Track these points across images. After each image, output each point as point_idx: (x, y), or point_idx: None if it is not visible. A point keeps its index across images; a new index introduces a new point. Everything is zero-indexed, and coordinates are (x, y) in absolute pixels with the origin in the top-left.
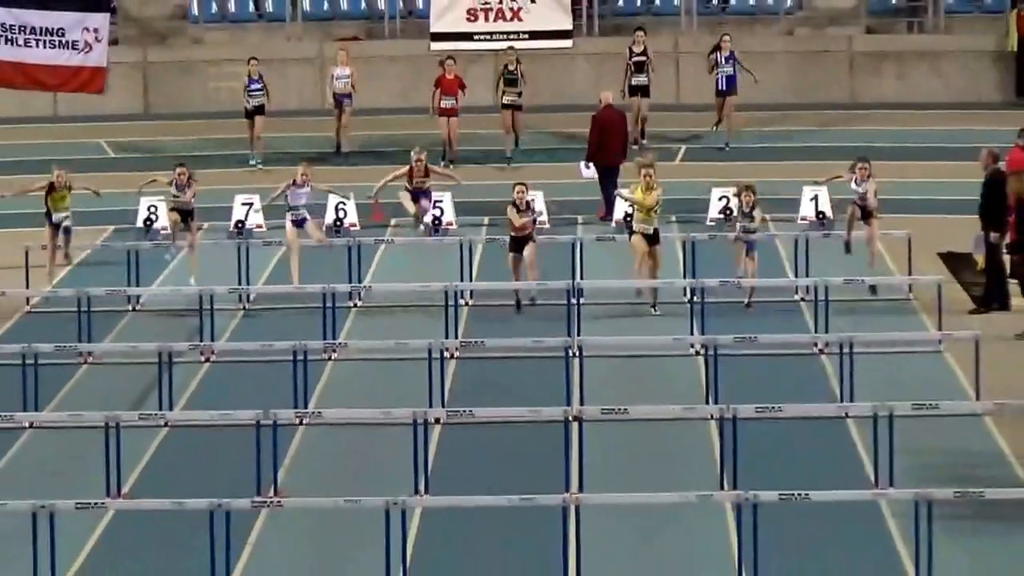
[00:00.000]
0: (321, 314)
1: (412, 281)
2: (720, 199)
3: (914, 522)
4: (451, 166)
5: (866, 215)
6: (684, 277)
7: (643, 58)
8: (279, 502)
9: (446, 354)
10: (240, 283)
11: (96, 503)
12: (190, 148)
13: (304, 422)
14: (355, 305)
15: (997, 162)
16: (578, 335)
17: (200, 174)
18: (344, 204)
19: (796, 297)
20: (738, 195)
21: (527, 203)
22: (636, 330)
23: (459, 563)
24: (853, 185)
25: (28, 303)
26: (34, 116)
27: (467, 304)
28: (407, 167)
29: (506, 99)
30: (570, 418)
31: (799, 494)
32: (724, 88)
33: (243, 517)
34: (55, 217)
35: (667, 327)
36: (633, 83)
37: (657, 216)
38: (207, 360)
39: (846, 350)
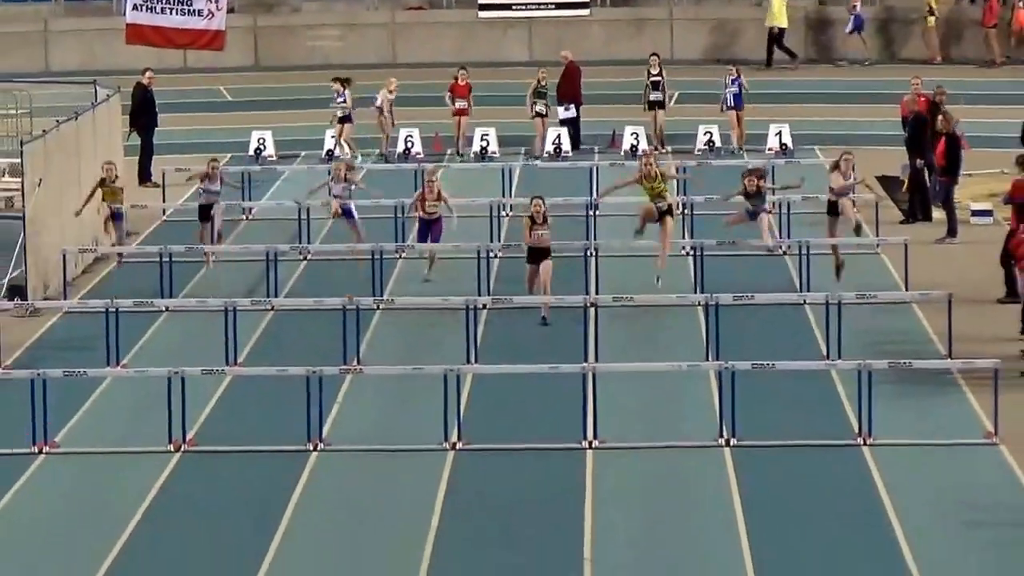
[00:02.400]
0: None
1: (468, 196)
2: (705, 133)
3: (857, 387)
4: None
5: (833, 209)
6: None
7: (659, 78)
8: (360, 369)
9: (491, 255)
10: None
11: (218, 369)
12: (290, 93)
13: (380, 307)
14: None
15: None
16: (595, 239)
17: (297, 114)
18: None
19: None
20: (744, 177)
21: (544, 216)
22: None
23: (501, 419)
24: (836, 175)
25: (164, 213)
26: (169, 68)
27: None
28: (419, 192)
29: (537, 108)
30: (588, 305)
31: (768, 364)
32: (732, 104)
33: (332, 381)
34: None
35: None
36: (651, 99)
37: (666, 195)
38: (304, 259)
39: (804, 252)
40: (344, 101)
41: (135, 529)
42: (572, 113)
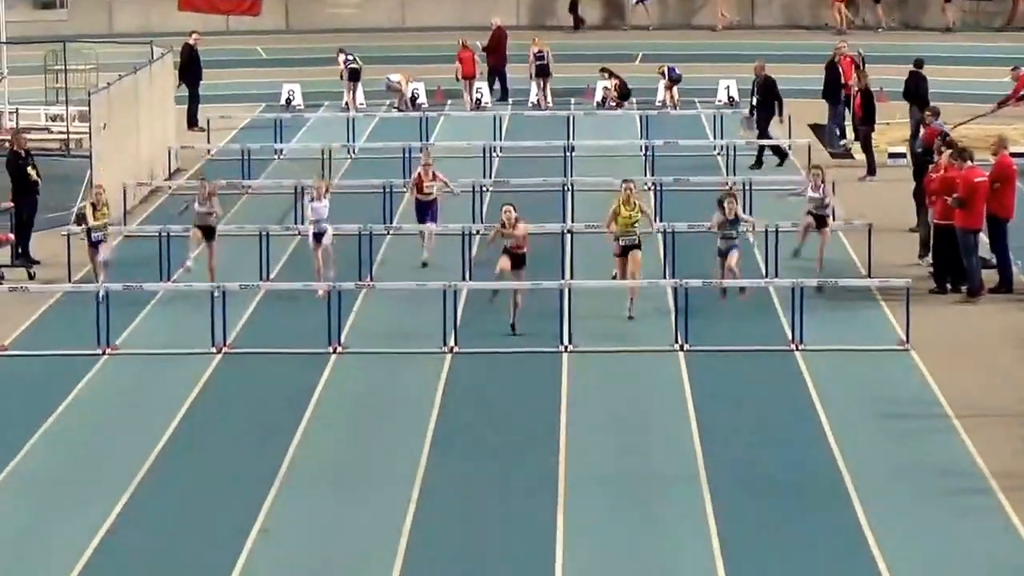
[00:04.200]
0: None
1: (464, 139)
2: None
3: (791, 301)
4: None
5: (820, 222)
6: (641, 138)
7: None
8: (373, 285)
9: (483, 189)
10: (350, 140)
11: (253, 284)
12: (316, 52)
13: (390, 233)
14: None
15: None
16: (572, 176)
17: (322, 70)
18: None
19: (714, 153)
20: (720, 203)
21: (514, 223)
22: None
23: (492, 327)
24: (810, 192)
25: (208, 153)
26: (213, 31)
27: (499, 155)
28: (416, 175)
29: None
30: (565, 231)
31: (715, 282)
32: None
33: (349, 295)
34: (93, 236)
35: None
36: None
37: (637, 227)
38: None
39: (750, 188)
40: (352, 59)
41: (184, 416)
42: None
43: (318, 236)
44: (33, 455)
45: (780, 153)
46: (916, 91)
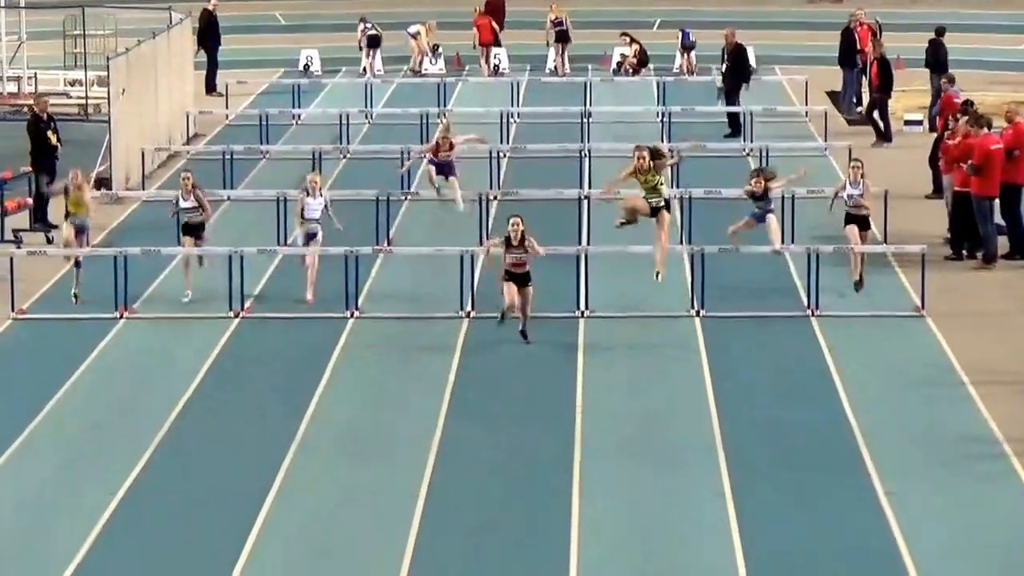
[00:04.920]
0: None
1: (482, 106)
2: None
3: (806, 267)
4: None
5: (862, 223)
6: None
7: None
8: (391, 250)
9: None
10: (367, 106)
11: (271, 249)
12: (334, 19)
13: (407, 199)
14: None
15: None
16: (588, 143)
17: (340, 36)
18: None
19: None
20: (751, 178)
21: (521, 239)
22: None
23: None
24: (849, 189)
25: (227, 118)
26: None
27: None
28: (432, 143)
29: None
30: (582, 197)
31: (732, 248)
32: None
33: (367, 260)
34: (73, 220)
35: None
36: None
37: (661, 188)
38: (344, 157)
39: (765, 152)
40: (371, 27)
41: (201, 380)
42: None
43: (310, 237)
44: (52, 418)
45: (735, 125)
46: (936, 59)
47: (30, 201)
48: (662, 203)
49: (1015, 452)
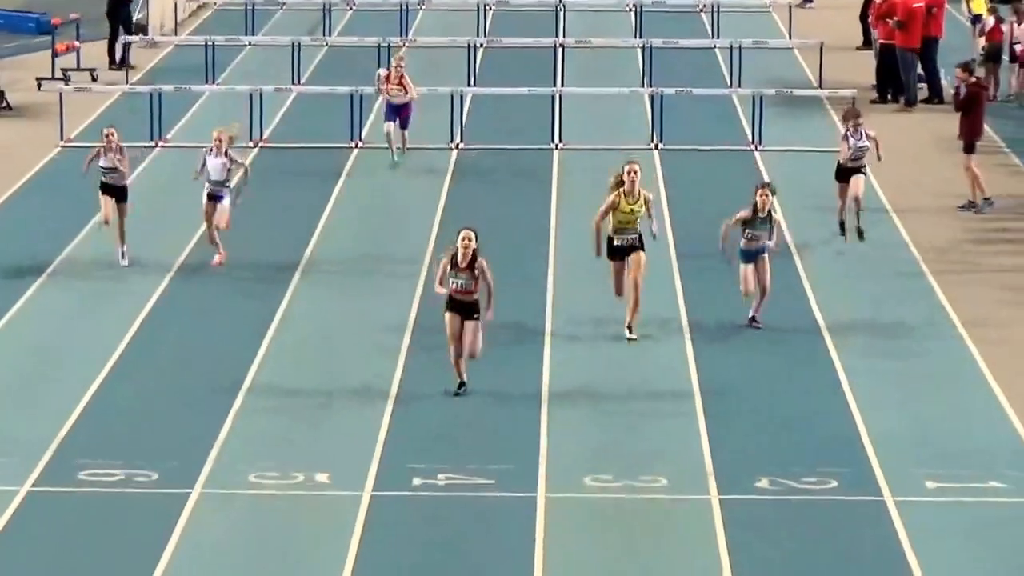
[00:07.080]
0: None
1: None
2: None
3: (751, 107)
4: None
5: (855, 172)
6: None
7: None
8: (389, 90)
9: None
10: None
11: (286, 87)
12: None
13: (406, 45)
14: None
15: None
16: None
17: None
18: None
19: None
20: (756, 191)
21: (472, 259)
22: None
23: (492, 128)
24: (851, 140)
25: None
26: None
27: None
28: (385, 72)
29: None
30: (557, 46)
31: (687, 90)
32: None
33: (369, 98)
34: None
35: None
36: None
37: (637, 224)
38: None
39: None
40: None
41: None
42: None
43: (213, 198)
44: (89, 240)
45: None
46: None
47: (77, 44)
48: (635, 241)
49: (924, 259)
